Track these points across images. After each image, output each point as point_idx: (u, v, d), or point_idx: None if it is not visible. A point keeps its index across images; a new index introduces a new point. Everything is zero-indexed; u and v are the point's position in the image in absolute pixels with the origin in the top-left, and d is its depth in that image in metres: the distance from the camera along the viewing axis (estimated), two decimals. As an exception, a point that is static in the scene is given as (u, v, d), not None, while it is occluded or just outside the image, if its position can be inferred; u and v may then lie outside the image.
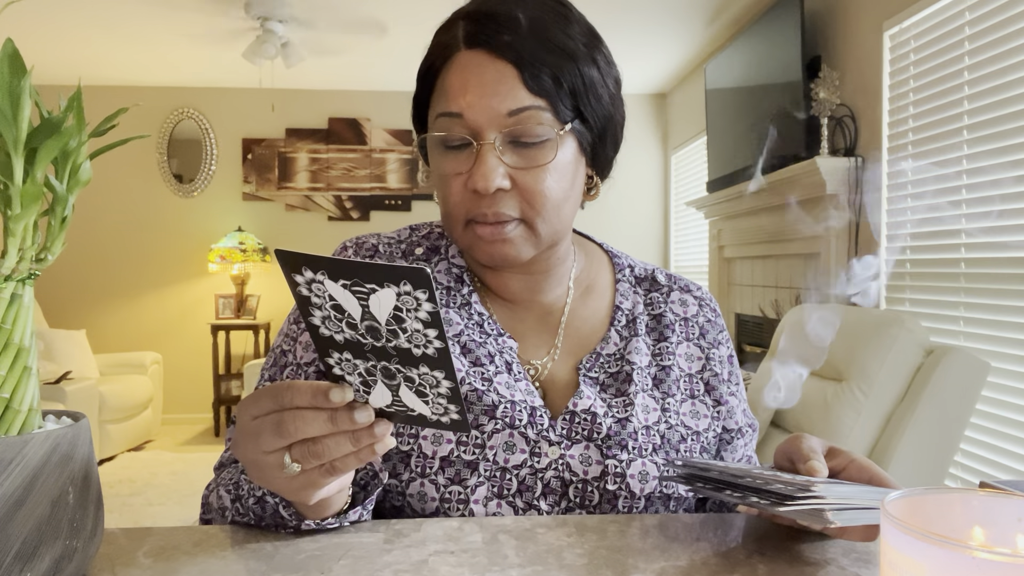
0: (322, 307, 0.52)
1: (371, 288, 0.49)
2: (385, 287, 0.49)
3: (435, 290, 0.48)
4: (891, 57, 2.68)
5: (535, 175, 0.74)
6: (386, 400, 0.55)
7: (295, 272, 0.50)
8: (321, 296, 0.51)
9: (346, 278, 0.49)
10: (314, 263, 0.49)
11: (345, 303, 0.50)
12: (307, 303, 0.52)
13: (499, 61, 0.73)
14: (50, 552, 0.50)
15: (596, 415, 0.78)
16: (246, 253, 5.20)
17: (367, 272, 0.49)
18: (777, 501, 0.57)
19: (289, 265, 0.50)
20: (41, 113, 0.52)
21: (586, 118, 0.77)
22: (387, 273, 0.48)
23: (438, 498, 0.74)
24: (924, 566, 0.37)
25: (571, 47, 0.74)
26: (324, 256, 0.50)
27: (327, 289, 0.50)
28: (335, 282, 0.50)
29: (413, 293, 0.48)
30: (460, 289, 0.84)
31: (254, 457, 0.56)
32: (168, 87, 5.45)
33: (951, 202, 2.34)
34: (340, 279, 0.49)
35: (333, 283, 0.50)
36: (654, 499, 0.78)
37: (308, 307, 0.52)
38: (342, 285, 0.50)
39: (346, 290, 0.50)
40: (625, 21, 4.02)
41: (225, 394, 5.24)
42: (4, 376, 0.51)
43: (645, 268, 0.92)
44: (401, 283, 0.48)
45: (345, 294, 0.50)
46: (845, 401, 2.14)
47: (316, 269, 0.50)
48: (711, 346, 0.87)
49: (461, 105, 0.73)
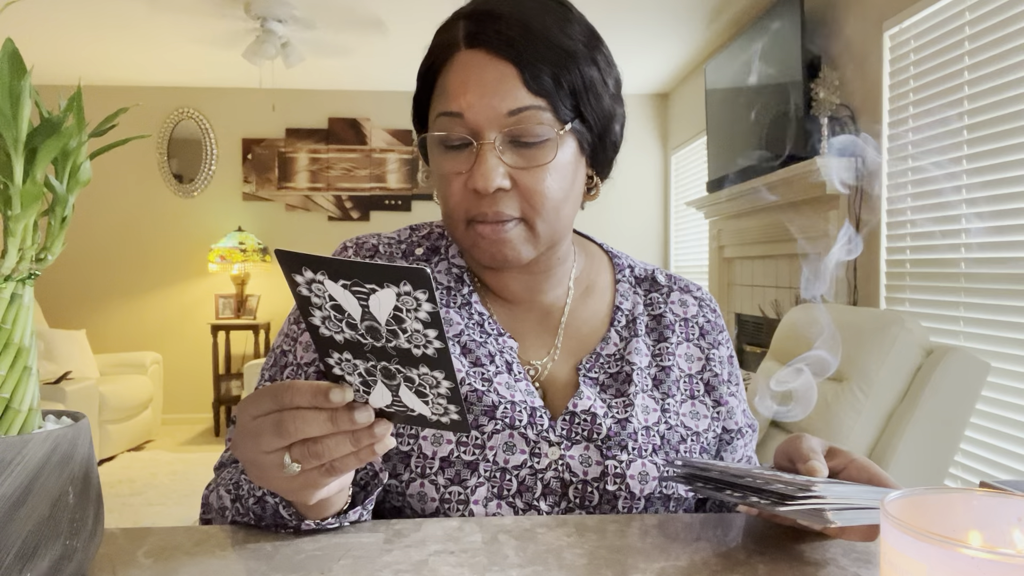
0: (322, 307, 0.51)
1: (371, 288, 0.49)
2: (385, 287, 0.48)
3: (435, 290, 0.48)
4: (891, 57, 2.68)
5: (535, 175, 0.74)
6: (386, 400, 0.55)
7: (295, 272, 0.50)
8: (321, 296, 0.51)
9: (346, 278, 0.49)
10: (314, 263, 0.49)
11: (345, 303, 0.50)
12: (307, 303, 0.52)
13: (499, 61, 0.73)
14: (50, 552, 0.50)
15: (596, 416, 0.78)
16: (246, 253, 5.20)
17: (367, 272, 0.48)
18: (777, 501, 0.57)
19: (289, 265, 0.50)
20: (41, 113, 0.52)
21: (586, 118, 0.76)
22: (387, 273, 0.48)
23: (438, 498, 0.74)
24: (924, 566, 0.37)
25: (571, 47, 0.74)
26: (324, 256, 0.50)
27: (327, 289, 0.50)
28: (335, 282, 0.49)
29: (413, 293, 0.48)
30: (460, 289, 0.84)
31: (254, 457, 0.56)
32: (168, 87, 5.45)
33: (951, 202, 2.34)
34: (340, 279, 0.49)
35: (333, 283, 0.50)
36: (654, 500, 0.78)
37: (308, 307, 0.52)
38: (342, 285, 0.49)
39: (346, 290, 0.50)
40: (625, 21, 4.02)
41: (225, 394, 5.24)
42: (4, 376, 0.51)
43: (645, 268, 0.92)
44: (401, 283, 0.48)
45: (345, 294, 0.50)
46: (845, 401, 2.14)
47: (316, 269, 0.49)
48: (711, 346, 0.87)
49: (461, 105, 0.73)
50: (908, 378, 2.13)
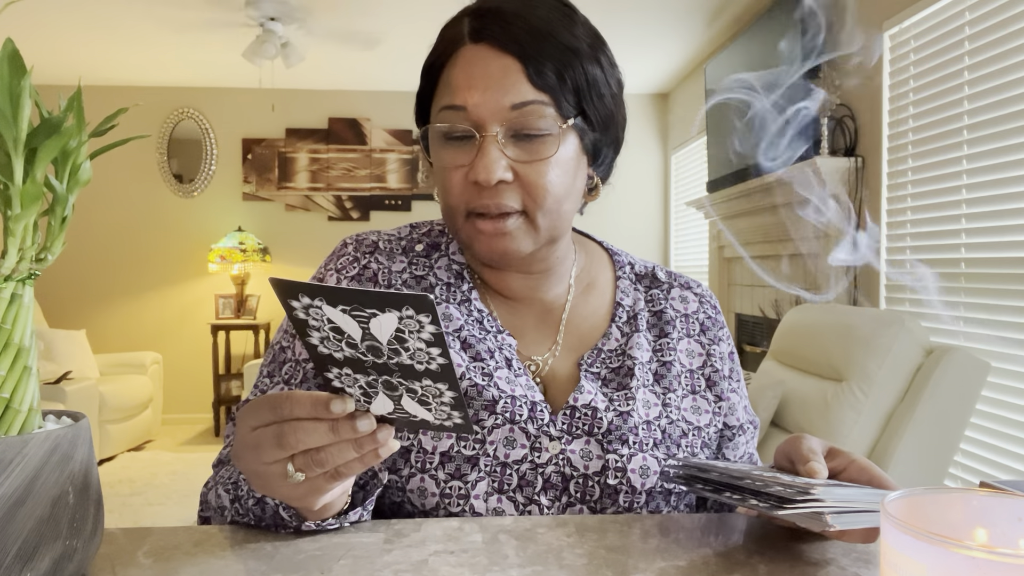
0: (320, 328, 0.50)
1: (372, 312, 0.48)
2: (387, 311, 0.47)
3: (438, 314, 0.47)
4: (891, 57, 2.68)
5: (537, 168, 0.74)
6: (387, 408, 0.54)
7: (291, 299, 0.49)
8: (319, 319, 0.49)
9: (345, 304, 0.48)
10: (311, 291, 0.48)
11: (345, 326, 0.49)
12: (304, 325, 0.50)
13: (504, 55, 0.73)
14: (50, 552, 0.50)
15: (597, 410, 0.78)
16: (246, 253, 5.20)
17: (367, 299, 0.47)
18: (776, 504, 0.57)
19: (285, 293, 0.49)
20: (41, 113, 0.52)
21: (588, 116, 0.77)
22: (389, 300, 0.47)
23: (438, 493, 0.74)
24: (924, 566, 0.37)
25: (576, 45, 0.75)
26: (321, 284, 0.48)
27: (325, 313, 0.49)
28: (334, 307, 0.48)
29: (416, 317, 0.47)
30: (460, 285, 0.84)
31: (256, 468, 0.56)
32: (168, 87, 5.45)
33: (951, 202, 2.34)
34: (339, 305, 0.48)
35: (332, 308, 0.48)
36: (655, 494, 0.77)
37: (305, 328, 0.51)
38: (341, 310, 0.48)
39: (345, 314, 0.48)
40: (626, 21, 4.02)
41: (225, 394, 5.24)
42: (4, 376, 0.51)
43: (645, 265, 0.92)
44: (404, 308, 0.47)
45: (345, 318, 0.48)
46: (845, 401, 2.14)
47: (313, 296, 0.48)
48: (712, 342, 0.88)
49: (465, 98, 0.73)
50: (908, 378, 2.13)
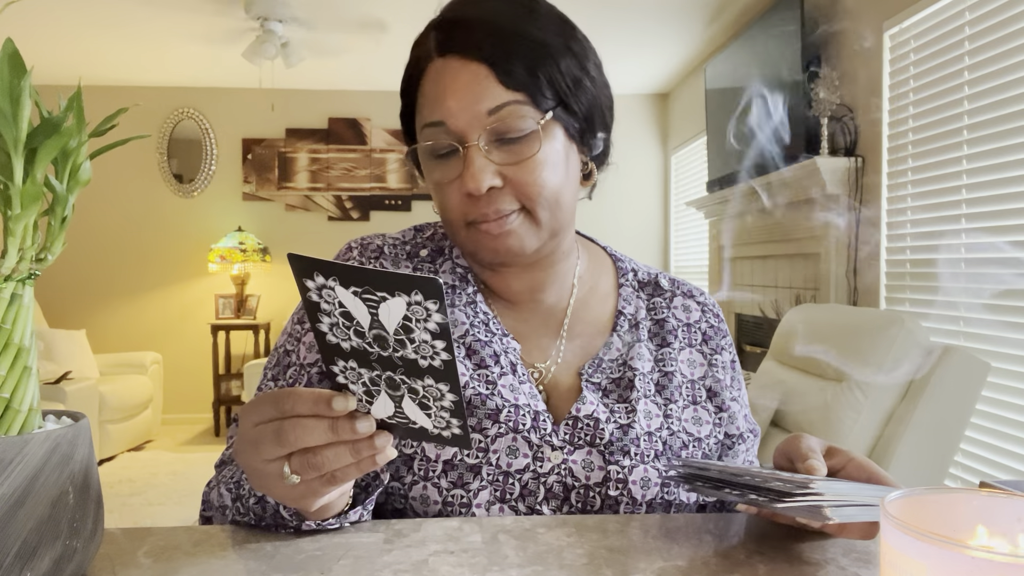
0: (331, 313, 0.51)
1: (382, 296, 0.49)
2: (396, 296, 0.48)
3: (446, 302, 0.48)
4: (891, 57, 2.68)
5: (525, 168, 0.74)
6: (388, 411, 0.55)
7: (306, 277, 0.50)
8: (331, 303, 0.51)
9: (357, 285, 0.49)
10: (326, 269, 0.49)
11: (355, 310, 0.50)
12: (316, 308, 0.52)
13: (471, 63, 0.73)
14: (50, 552, 0.50)
15: (599, 421, 0.78)
16: (246, 253, 5.20)
17: (379, 280, 0.48)
18: (775, 498, 0.57)
19: (301, 270, 0.50)
20: (41, 113, 0.52)
21: (568, 104, 0.76)
22: (399, 282, 0.48)
23: (440, 501, 0.74)
24: (924, 566, 0.37)
25: (541, 37, 0.75)
26: (337, 262, 0.49)
27: (337, 296, 0.50)
28: (346, 289, 0.49)
29: (424, 303, 0.48)
30: (465, 288, 0.84)
31: (254, 465, 0.56)
32: (168, 87, 5.45)
33: (951, 202, 2.34)
34: (351, 286, 0.49)
35: (344, 290, 0.49)
36: (656, 505, 0.77)
37: (317, 313, 0.52)
38: (353, 292, 0.49)
39: (356, 297, 0.49)
40: (625, 21, 4.02)
41: (225, 394, 5.24)
42: (4, 376, 0.51)
43: (648, 272, 0.92)
44: (413, 292, 0.48)
45: (355, 301, 0.50)
46: (845, 401, 2.14)
47: (328, 275, 0.49)
48: (713, 352, 0.87)
49: (442, 112, 0.74)
50: (908, 378, 2.13)
